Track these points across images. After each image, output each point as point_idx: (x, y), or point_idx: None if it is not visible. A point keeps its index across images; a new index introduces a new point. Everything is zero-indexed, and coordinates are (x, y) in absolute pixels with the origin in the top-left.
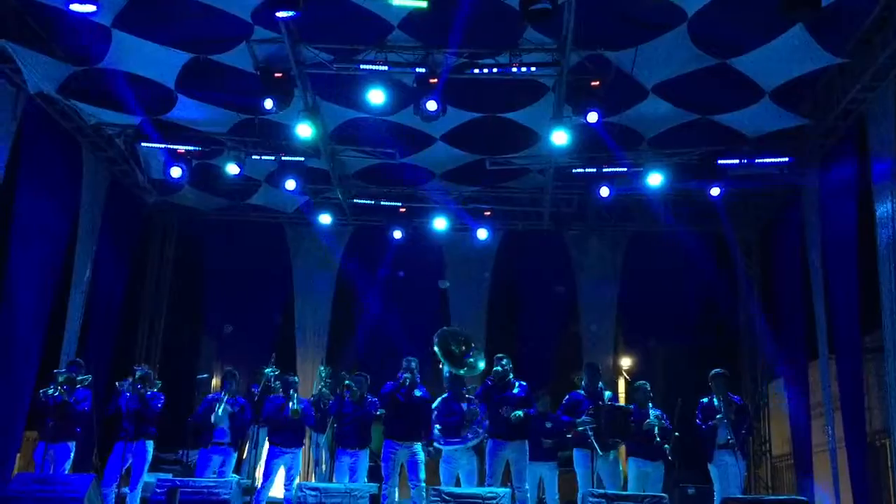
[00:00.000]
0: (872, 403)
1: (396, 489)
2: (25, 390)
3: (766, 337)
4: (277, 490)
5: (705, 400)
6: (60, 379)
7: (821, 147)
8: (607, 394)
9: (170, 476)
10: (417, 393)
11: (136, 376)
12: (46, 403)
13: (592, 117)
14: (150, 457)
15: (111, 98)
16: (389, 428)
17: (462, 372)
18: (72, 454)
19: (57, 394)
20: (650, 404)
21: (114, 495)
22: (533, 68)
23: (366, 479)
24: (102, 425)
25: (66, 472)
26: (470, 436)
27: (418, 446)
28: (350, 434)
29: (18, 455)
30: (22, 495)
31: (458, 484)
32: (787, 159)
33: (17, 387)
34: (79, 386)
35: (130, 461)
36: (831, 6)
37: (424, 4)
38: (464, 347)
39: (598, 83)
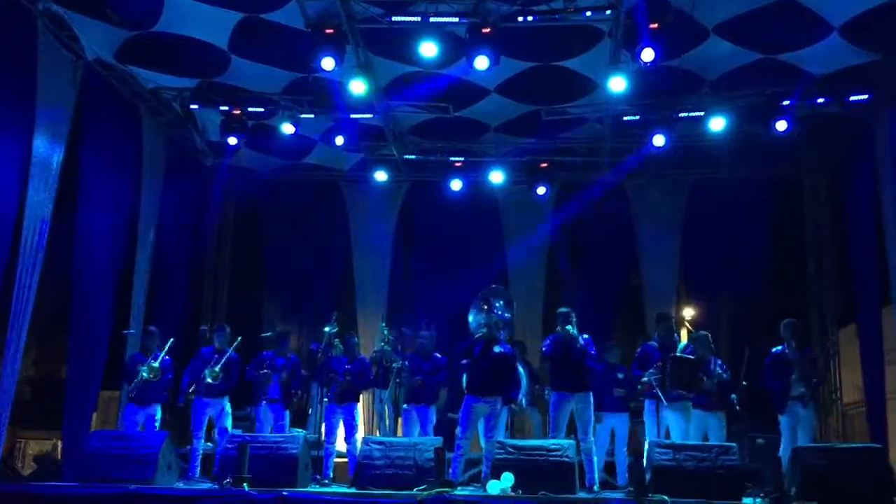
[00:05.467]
0: None
1: (469, 442)
2: (100, 351)
3: (837, 282)
4: (339, 444)
5: (777, 349)
6: (146, 375)
7: (893, 83)
8: (681, 344)
9: (239, 431)
10: (497, 349)
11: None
12: (134, 373)
13: (647, 55)
14: (228, 411)
15: (167, 62)
16: (468, 383)
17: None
18: (159, 416)
19: (149, 376)
20: (711, 356)
21: (201, 449)
22: (588, 13)
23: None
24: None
25: None
26: None
27: (499, 402)
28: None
29: (95, 414)
30: (100, 451)
31: None
32: (857, 97)
33: (92, 348)
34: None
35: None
36: None
37: None
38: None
39: (656, 25)
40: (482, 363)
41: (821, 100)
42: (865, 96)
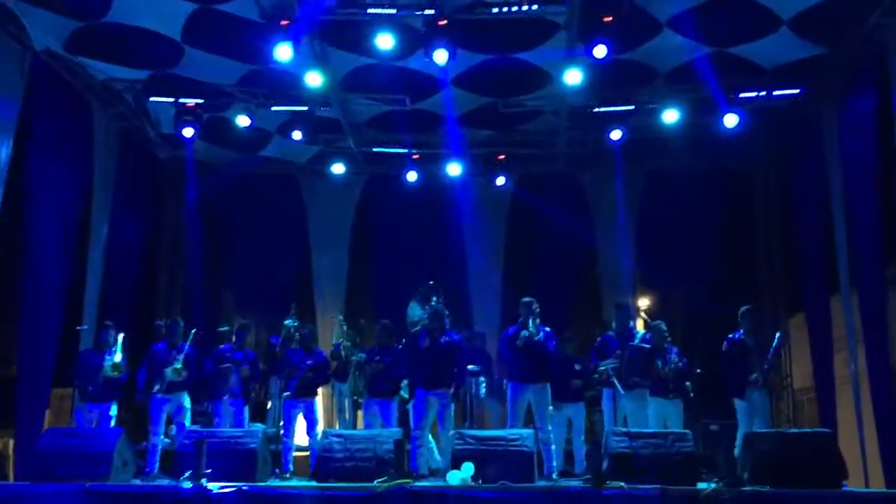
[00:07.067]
0: (894, 336)
1: (425, 433)
2: (52, 348)
3: (787, 272)
4: (300, 438)
5: (734, 336)
6: (110, 372)
7: (841, 76)
8: (639, 333)
9: (197, 427)
10: (443, 339)
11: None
12: (89, 369)
13: (600, 52)
14: (187, 407)
15: (118, 53)
16: (418, 376)
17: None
18: (114, 413)
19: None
20: (667, 344)
21: (160, 445)
22: (543, 5)
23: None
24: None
25: None
26: None
27: (448, 394)
28: (379, 382)
29: (48, 411)
30: (53, 449)
31: None
32: (805, 90)
33: (44, 344)
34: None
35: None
36: None
37: None
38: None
39: (610, 18)
40: (430, 354)
41: (770, 92)
42: (812, 89)
